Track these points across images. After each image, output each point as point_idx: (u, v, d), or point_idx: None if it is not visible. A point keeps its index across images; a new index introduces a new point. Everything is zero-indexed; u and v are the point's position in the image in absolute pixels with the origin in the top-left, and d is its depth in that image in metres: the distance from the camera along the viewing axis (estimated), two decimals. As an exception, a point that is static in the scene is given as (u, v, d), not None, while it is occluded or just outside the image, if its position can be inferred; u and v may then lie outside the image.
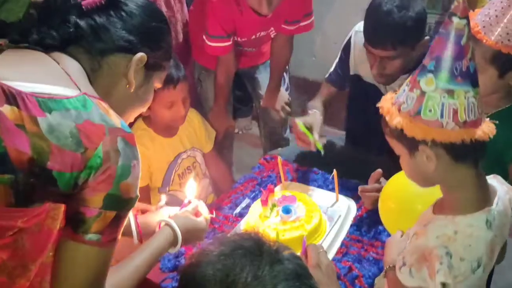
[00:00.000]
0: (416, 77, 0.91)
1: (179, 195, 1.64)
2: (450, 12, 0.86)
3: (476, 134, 0.88)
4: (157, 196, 1.66)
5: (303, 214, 1.33)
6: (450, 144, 0.88)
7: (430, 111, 0.88)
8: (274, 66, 1.98)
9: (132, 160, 0.84)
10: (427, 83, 0.88)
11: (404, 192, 1.20)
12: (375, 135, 1.11)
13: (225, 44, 1.76)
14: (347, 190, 1.53)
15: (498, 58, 1.18)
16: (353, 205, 1.48)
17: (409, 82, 0.93)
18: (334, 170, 1.45)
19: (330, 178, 1.52)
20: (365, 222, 1.42)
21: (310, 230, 1.30)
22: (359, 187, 1.40)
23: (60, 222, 0.83)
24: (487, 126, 0.90)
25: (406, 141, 0.92)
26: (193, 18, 1.88)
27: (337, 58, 1.81)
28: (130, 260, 0.97)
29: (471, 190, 0.93)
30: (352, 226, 1.41)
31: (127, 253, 0.99)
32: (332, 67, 1.82)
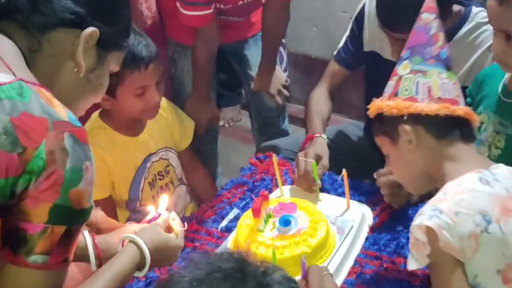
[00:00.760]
0: (395, 68, 1.21)
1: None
2: (420, 11, 1.20)
3: (452, 110, 1.13)
4: (124, 212, 1.67)
5: (306, 226, 1.33)
6: (428, 119, 1.13)
7: (406, 90, 1.17)
8: (267, 39, 1.98)
9: (83, 161, 0.84)
10: (403, 68, 1.19)
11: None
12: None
13: (204, 12, 1.75)
14: (361, 194, 1.54)
15: None
16: (368, 212, 1.49)
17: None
18: (344, 170, 1.45)
19: (339, 179, 1.52)
20: (384, 234, 1.43)
21: (315, 246, 1.30)
22: (375, 173, 1.42)
23: (-6, 242, 0.83)
24: (470, 113, 1.15)
25: (387, 126, 1.18)
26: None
27: (347, 31, 1.82)
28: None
29: (461, 164, 1.12)
30: (367, 239, 1.42)
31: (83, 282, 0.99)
32: (341, 42, 1.84)
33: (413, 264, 1.08)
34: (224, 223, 1.51)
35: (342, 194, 1.53)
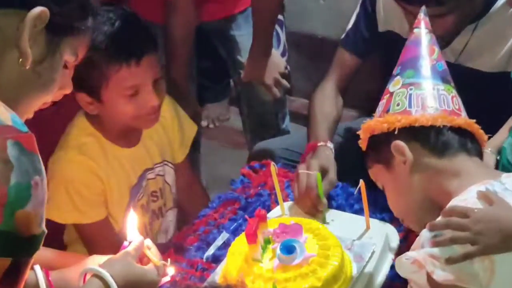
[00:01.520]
0: (386, 87, 1.34)
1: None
2: (412, 27, 1.37)
3: (450, 119, 1.23)
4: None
5: (315, 253, 1.33)
6: (423, 133, 1.24)
7: (397, 105, 1.28)
8: (258, 16, 1.97)
9: (32, 175, 0.85)
10: (394, 84, 1.31)
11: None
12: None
13: None
14: (383, 211, 1.54)
15: None
16: (393, 233, 1.49)
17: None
18: (361, 181, 1.45)
19: (355, 192, 1.52)
20: (413, 261, 1.43)
21: (327, 279, 1.30)
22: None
23: None
24: (473, 124, 1.27)
25: (379, 149, 1.32)
26: None
27: (356, 8, 1.83)
28: None
29: (467, 178, 1.19)
30: (393, 267, 1.40)
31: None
32: (349, 23, 1.85)
33: None
34: (210, 251, 1.51)
35: (359, 211, 1.53)
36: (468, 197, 1.14)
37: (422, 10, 1.39)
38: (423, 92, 1.26)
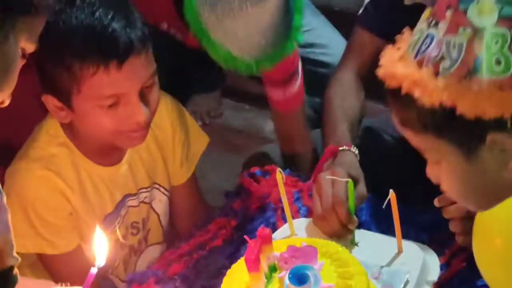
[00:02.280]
0: (456, 3, 1.00)
1: None
2: None
3: None
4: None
5: (333, 283, 1.33)
6: None
7: (498, 63, 0.96)
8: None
9: None
10: (482, 12, 0.97)
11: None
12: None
13: None
14: (419, 229, 1.55)
15: None
16: (432, 259, 1.49)
17: (437, 17, 1.02)
18: (391, 192, 1.46)
19: (384, 206, 1.51)
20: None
21: (348, 316, 1.31)
22: (438, 198, 1.43)
23: None
24: None
25: (455, 131, 1.04)
26: None
27: None
28: None
29: None
30: (432, 301, 1.43)
31: None
32: None
33: None
34: (200, 282, 1.51)
35: (388, 230, 1.53)
36: None
37: None
38: None
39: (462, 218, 1.42)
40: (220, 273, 1.48)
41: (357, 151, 1.66)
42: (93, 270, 1.21)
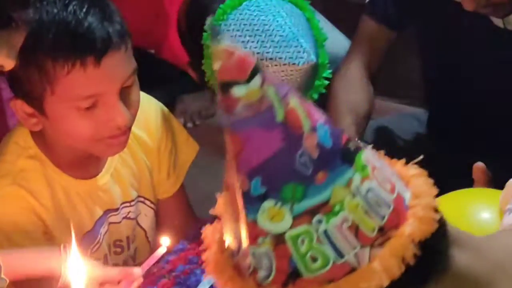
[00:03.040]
0: (244, 216, 0.90)
1: None
2: None
3: None
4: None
5: None
6: None
7: (315, 260, 0.86)
8: None
9: None
10: (273, 218, 0.87)
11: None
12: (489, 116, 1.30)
13: None
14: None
15: None
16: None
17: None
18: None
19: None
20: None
21: None
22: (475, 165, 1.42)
23: None
24: None
25: None
26: None
27: None
28: None
29: None
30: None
31: None
32: None
33: None
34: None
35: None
36: None
37: None
38: None
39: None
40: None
41: (362, 145, 1.63)
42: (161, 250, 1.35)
